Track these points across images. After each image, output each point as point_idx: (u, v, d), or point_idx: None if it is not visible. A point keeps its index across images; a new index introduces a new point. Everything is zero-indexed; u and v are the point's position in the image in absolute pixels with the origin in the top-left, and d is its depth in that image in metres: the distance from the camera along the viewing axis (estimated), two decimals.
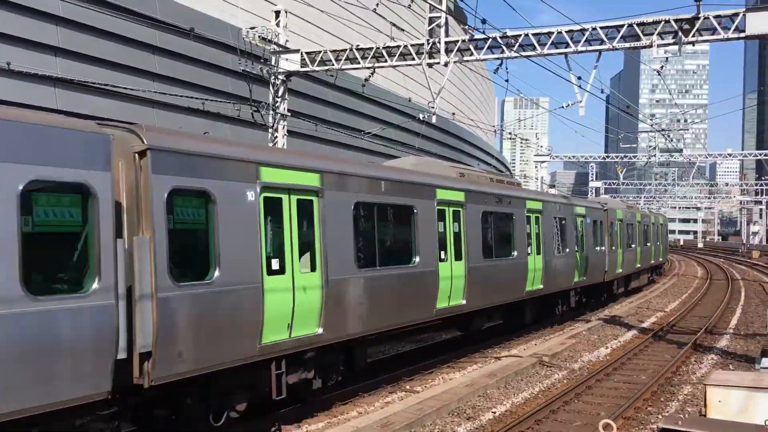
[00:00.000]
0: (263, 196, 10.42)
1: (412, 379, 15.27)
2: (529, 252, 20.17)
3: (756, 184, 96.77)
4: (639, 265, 35.31)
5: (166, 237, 8.80)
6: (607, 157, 67.97)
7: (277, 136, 22.11)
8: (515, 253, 19.19)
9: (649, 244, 38.01)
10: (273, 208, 10.64)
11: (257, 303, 10.09)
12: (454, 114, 40.48)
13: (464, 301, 16.24)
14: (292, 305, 10.81)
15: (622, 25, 17.95)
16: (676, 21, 17.42)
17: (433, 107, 20.79)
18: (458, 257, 16.08)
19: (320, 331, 11.44)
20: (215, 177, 9.59)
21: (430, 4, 19.48)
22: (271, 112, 21.89)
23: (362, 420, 11.67)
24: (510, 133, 56.81)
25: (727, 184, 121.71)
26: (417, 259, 14.31)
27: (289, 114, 22.40)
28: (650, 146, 54.47)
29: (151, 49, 25.52)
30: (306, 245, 11.33)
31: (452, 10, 22.48)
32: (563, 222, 23.31)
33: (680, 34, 17.35)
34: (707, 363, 17.46)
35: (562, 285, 23.21)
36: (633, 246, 33.42)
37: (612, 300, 31.07)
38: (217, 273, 9.50)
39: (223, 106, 24.35)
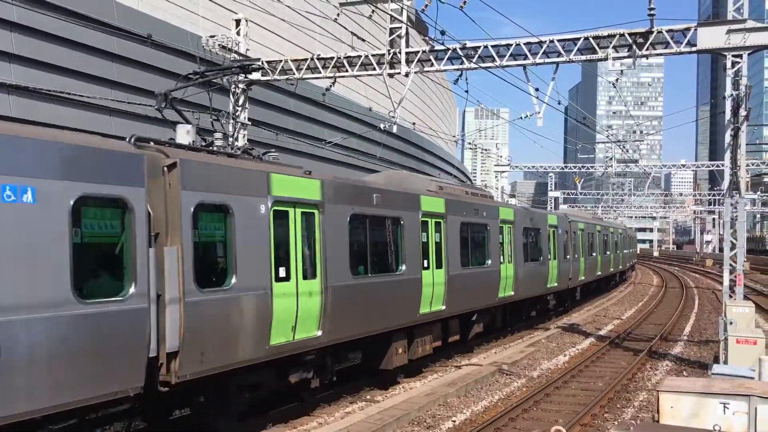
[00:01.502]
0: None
1: (373, 388, 15.26)
2: (617, 251, 43.35)
3: (709, 194, 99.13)
4: (631, 262, 57.34)
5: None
6: (566, 167, 69.00)
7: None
8: (610, 254, 41.13)
9: (632, 249, 58.87)
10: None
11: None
12: (414, 124, 40.70)
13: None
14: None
15: (579, 38, 18.31)
16: (630, 35, 17.84)
17: (394, 117, 20.89)
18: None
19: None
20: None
21: (391, 15, 19.61)
22: (232, 121, 21.74)
23: (322, 431, 11.63)
24: (470, 143, 57.30)
25: (681, 194, 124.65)
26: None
27: (249, 123, 22.28)
28: (607, 157, 55.51)
29: (109, 57, 25.15)
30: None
31: (413, 21, 22.64)
32: (621, 236, 46.77)
33: (634, 47, 17.76)
34: (662, 369, 17.82)
35: (619, 268, 46.39)
36: (623, 251, 49.86)
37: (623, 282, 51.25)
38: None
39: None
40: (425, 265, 16.27)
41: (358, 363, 15.84)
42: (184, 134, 11.61)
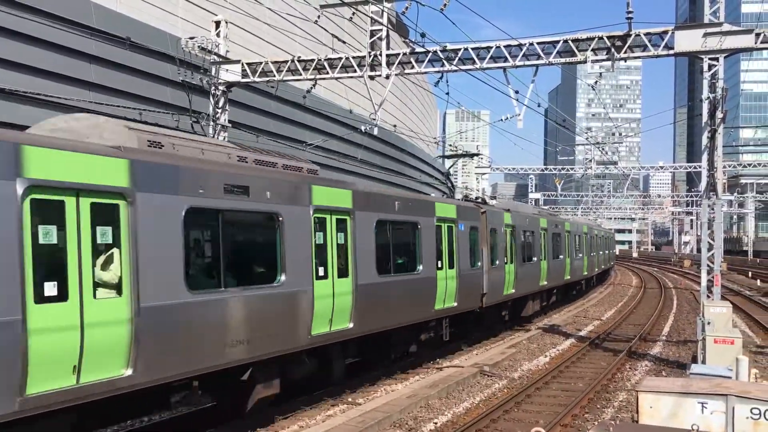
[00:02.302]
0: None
1: (354, 391, 15.23)
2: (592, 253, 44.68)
3: (687, 196, 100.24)
4: (612, 262, 63.13)
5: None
6: (546, 169, 69.44)
7: None
8: (609, 252, 55.55)
9: (612, 250, 65.14)
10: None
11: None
12: (395, 126, 40.73)
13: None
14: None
15: (558, 41, 18.43)
16: (609, 38, 17.99)
17: (374, 119, 20.89)
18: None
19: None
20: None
21: (372, 18, 19.62)
22: (212, 123, 21.64)
23: None
24: (451, 145, 57.41)
25: (659, 196, 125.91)
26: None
27: (229, 125, 22.18)
28: (587, 158, 55.95)
29: (87, 58, 24.90)
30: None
31: (394, 24, 22.68)
32: (609, 238, 55.73)
33: (613, 50, 17.92)
34: (641, 369, 17.96)
35: (606, 266, 53.86)
36: (611, 251, 58.72)
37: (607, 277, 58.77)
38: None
39: (161, 117, 23.88)
40: (541, 257, 28.22)
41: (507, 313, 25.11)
42: (459, 195, 22.30)
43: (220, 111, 21.79)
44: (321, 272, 13.06)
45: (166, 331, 9.64)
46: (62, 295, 8.29)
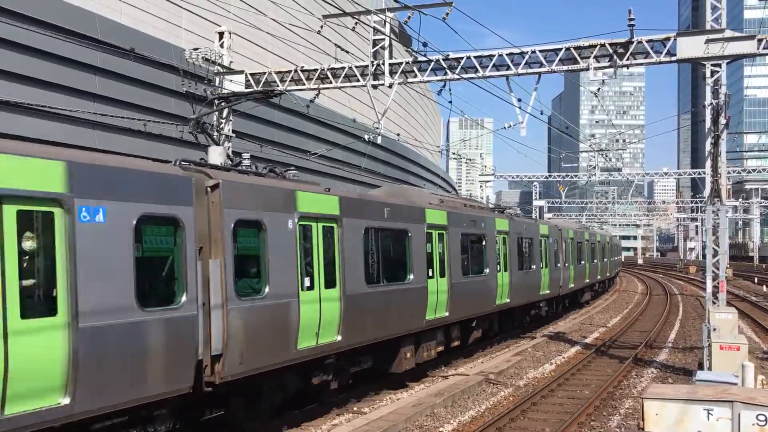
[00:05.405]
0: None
1: (359, 400, 15.22)
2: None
3: (691, 202, 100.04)
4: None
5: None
6: (550, 176, 69.44)
7: None
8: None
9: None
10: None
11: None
12: (399, 134, 40.80)
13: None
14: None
15: (560, 49, 18.45)
16: (611, 45, 18.01)
17: (378, 128, 20.93)
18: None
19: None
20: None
21: (375, 27, 19.68)
22: (216, 132, 21.70)
23: None
24: (455, 153, 57.37)
25: (664, 202, 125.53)
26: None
27: (233, 135, 22.25)
28: (590, 165, 55.89)
29: (91, 70, 25.06)
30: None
31: (396, 33, 22.75)
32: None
33: (615, 57, 17.93)
34: (647, 376, 17.92)
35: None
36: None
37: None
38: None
39: (165, 128, 23.99)
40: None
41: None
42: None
43: (224, 121, 21.86)
44: None
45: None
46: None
